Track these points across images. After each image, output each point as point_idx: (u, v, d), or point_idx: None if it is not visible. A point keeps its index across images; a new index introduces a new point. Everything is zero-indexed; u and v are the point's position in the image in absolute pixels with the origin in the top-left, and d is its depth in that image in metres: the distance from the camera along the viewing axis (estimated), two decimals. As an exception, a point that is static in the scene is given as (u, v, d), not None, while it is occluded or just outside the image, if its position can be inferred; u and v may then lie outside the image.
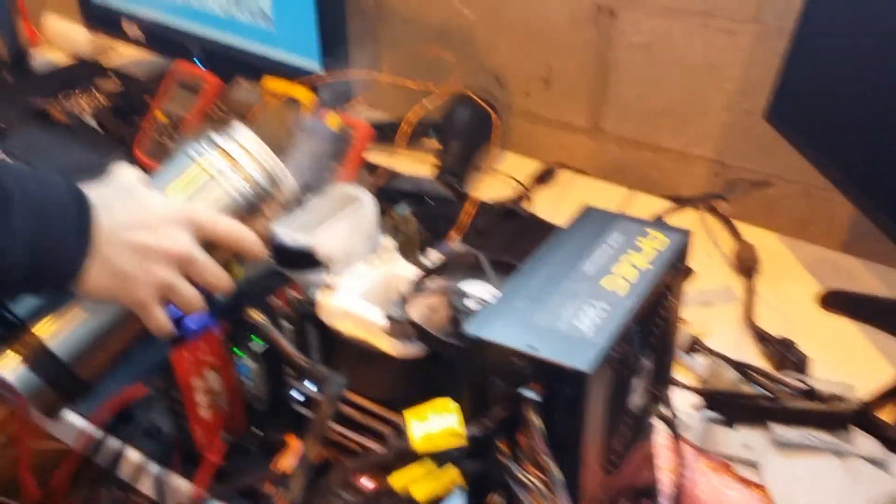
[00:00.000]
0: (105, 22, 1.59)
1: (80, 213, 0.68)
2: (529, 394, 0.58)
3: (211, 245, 0.75)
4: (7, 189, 0.64)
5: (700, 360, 0.96)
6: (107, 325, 0.74)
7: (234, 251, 0.77)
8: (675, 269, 0.68)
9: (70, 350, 0.73)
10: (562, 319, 0.60)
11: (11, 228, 0.63)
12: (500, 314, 0.62)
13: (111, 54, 1.74)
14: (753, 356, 1.00)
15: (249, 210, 0.78)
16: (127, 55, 1.73)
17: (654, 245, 0.68)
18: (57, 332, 0.72)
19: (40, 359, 0.71)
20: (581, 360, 0.56)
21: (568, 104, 1.41)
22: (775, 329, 1.02)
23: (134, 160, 1.32)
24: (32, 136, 1.45)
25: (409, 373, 0.79)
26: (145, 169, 0.81)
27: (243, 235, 0.76)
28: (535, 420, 0.58)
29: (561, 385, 0.57)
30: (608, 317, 0.60)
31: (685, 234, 0.70)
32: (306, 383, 0.85)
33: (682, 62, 1.28)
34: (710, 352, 0.96)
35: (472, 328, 0.60)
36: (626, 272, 0.65)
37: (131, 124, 1.44)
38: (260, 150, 0.79)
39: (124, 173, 0.76)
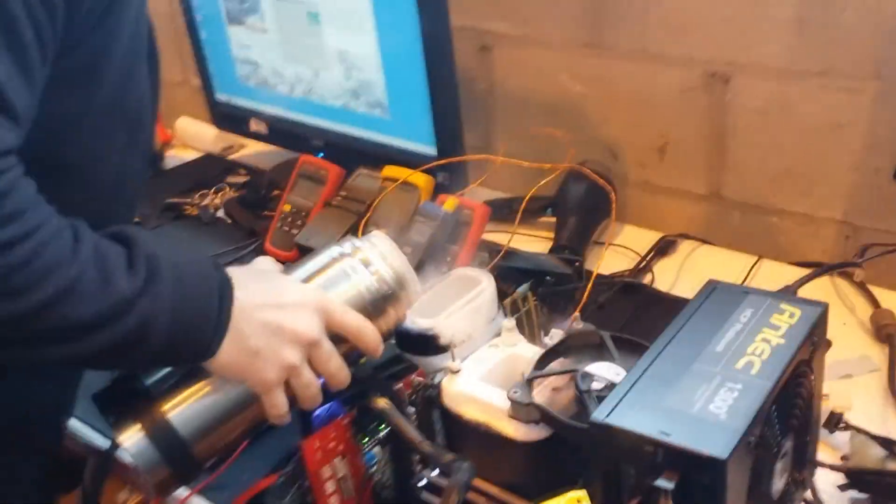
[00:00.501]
0: (232, 120, 1.67)
1: (222, 288, 0.71)
2: (664, 483, 0.56)
3: (335, 338, 0.77)
4: (157, 259, 0.67)
5: (842, 437, 0.91)
6: (230, 407, 0.76)
7: (357, 345, 0.79)
8: (813, 345, 0.66)
9: (191, 428, 0.74)
10: (694, 403, 0.58)
11: (159, 295, 0.66)
12: (630, 399, 0.60)
13: (238, 150, 1.83)
14: (901, 430, 0.94)
15: (375, 309, 0.80)
16: (253, 149, 1.81)
17: (788, 320, 0.66)
18: (181, 408, 0.74)
19: (161, 433, 0.73)
20: (717, 445, 0.54)
21: (685, 172, 1.39)
22: (923, 400, 0.96)
23: (263, 250, 1.38)
24: (166, 231, 1.52)
25: (535, 457, 0.77)
26: (276, 258, 0.86)
27: (368, 331, 0.78)
28: (672, 510, 0.56)
29: (697, 473, 0.55)
30: (743, 398, 0.58)
31: (821, 306, 0.67)
32: (432, 470, 0.84)
33: (802, 124, 1.24)
34: (853, 427, 0.90)
35: (600, 414, 0.59)
36: (759, 350, 0.63)
37: (259, 216, 1.50)
38: (394, 255, 0.83)
39: (263, 262, 0.81)
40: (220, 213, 1.55)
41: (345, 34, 1.34)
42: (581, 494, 0.60)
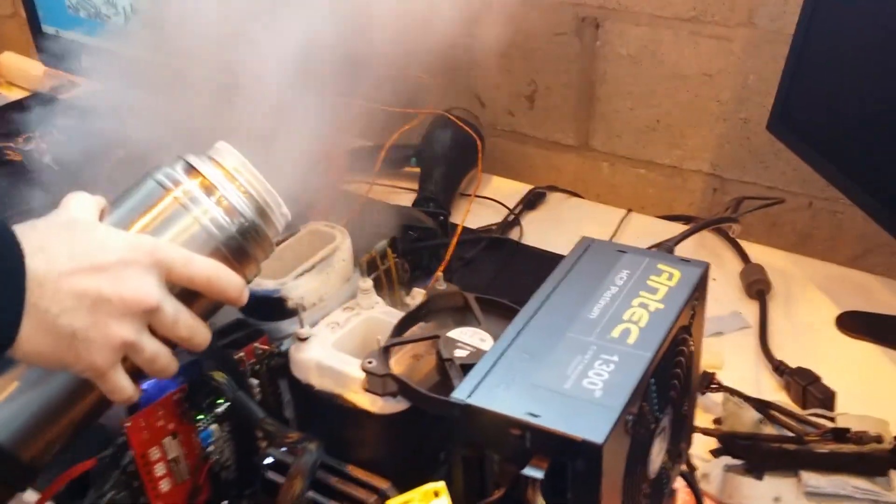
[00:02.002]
0: (61, 56, 1.50)
1: (11, 260, 0.55)
2: (532, 472, 0.49)
3: (186, 293, 0.62)
4: None
5: (714, 398, 0.88)
6: (55, 399, 0.62)
7: (214, 298, 0.63)
8: (693, 309, 0.60)
9: (11, 433, 0.61)
10: (567, 379, 0.52)
11: None
12: (494, 374, 0.53)
13: (71, 88, 1.66)
14: (773, 391, 0.91)
15: (230, 249, 0.63)
16: (86, 88, 1.64)
17: (667, 282, 0.60)
18: None
19: None
20: (592, 428, 0.47)
21: (555, 122, 1.33)
22: (794, 358, 0.93)
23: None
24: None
25: (394, 432, 0.71)
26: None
27: (223, 277, 0.62)
28: (540, 502, 0.49)
29: (569, 459, 0.48)
30: (620, 372, 0.52)
31: (701, 266, 0.62)
32: (279, 447, 0.76)
33: (673, 72, 1.21)
34: (726, 388, 0.87)
35: (460, 393, 0.51)
36: (637, 317, 0.56)
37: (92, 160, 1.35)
38: (248, 175, 0.64)
39: (76, 204, 0.61)
40: (48, 160, 1.39)
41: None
42: (439, 486, 0.52)
